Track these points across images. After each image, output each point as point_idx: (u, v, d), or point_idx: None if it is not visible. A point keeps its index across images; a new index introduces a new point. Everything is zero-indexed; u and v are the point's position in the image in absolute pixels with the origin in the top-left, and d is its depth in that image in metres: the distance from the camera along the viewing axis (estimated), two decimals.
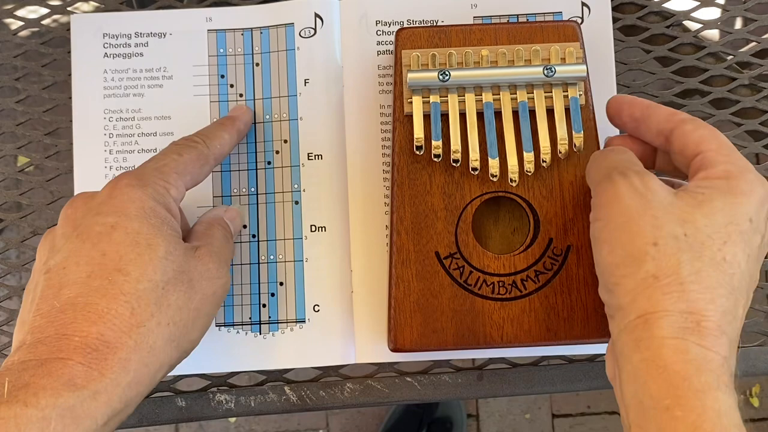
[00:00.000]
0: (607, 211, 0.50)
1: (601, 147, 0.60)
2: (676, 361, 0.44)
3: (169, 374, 0.65)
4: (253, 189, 0.66)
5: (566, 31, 0.60)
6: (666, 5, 0.70)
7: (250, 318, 0.65)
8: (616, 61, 0.66)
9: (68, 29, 0.68)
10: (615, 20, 0.68)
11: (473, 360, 0.67)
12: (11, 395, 0.42)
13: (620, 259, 0.48)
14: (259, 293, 0.65)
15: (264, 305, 0.65)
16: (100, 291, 0.47)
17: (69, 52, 0.68)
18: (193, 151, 0.56)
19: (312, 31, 0.66)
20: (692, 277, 0.46)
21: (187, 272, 0.50)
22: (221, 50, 0.67)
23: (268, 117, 0.66)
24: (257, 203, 0.66)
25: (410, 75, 0.58)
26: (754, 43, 0.70)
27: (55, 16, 0.71)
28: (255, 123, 0.66)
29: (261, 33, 0.67)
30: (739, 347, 0.49)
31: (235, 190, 0.66)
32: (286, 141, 0.66)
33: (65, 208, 0.53)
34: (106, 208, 0.50)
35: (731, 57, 0.70)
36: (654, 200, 0.48)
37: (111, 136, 0.67)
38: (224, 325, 0.65)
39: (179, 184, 0.54)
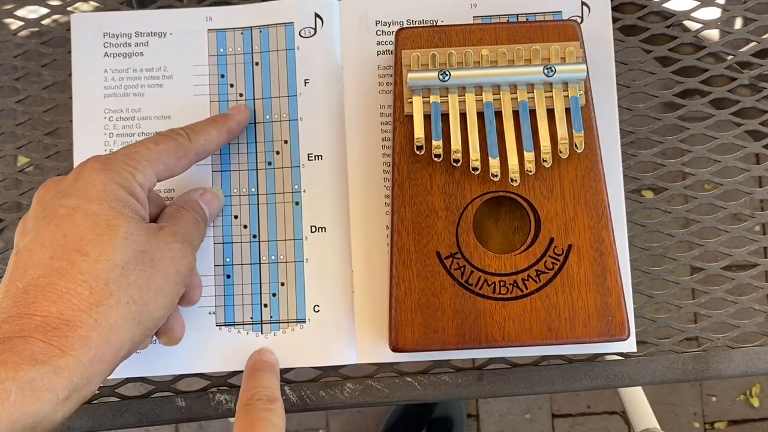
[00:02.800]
0: None
1: (600, 149, 0.60)
2: None
3: (169, 374, 0.65)
4: (253, 189, 0.66)
5: (566, 30, 0.60)
6: (666, 5, 0.70)
7: (251, 318, 0.65)
8: (616, 61, 0.66)
9: (68, 29, 0.68)
10: (615, 20, 0.68)
11: (473, 360, 0.67)
12: None
13: None
14: (261, 293, 0.65)
15: (266, 305, 0.65)
16: (60, 271, 0.48)
17: (69, 52, 0.68)
18: (171, 142, 0.57)
19: (312, 31, 0.66)
20: None
21: (148, 252, 0.51)
22: (221, 50, 0.67)
23: (268, 117, 0.66)
24: (258, 203, 0.66)
25: (410, 75, 0.58)
26: (754, 43, 0.70)
27: (55, 16, 0.71)
28: (255, 123, 0.66)
29: (261, 32, 0.67)
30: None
31: (235, 190, 0.66)
32: (286, 141, 0.66)
33: (38, 191, 0.54)
34: (70, 190, 0.51)
35: (731, 57, 0.70)
36: None
37: (111, 135, 0.67)
38: (225, 325, 0.65)
39: (148, 171, 0.54)
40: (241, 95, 0.67)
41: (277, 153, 0.66)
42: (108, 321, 0.48)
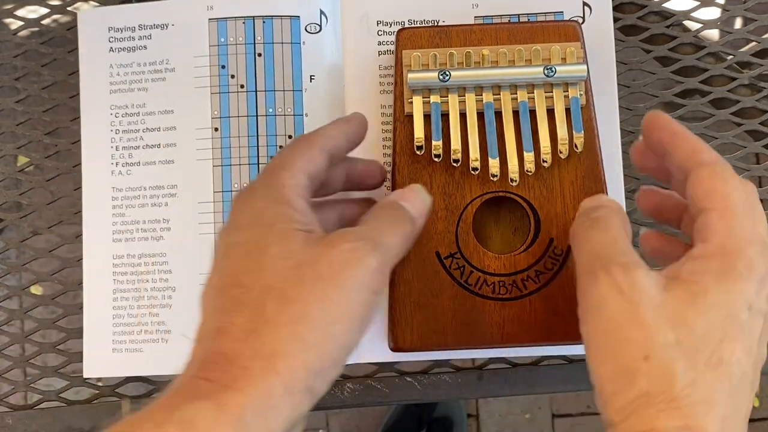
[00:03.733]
0: (592, 317, 0.45)
1: (600, 150, 0.60)
2: None
3: (169, 374, 0.65)
4: None
5: (567, 30, 0.60)
6: (666, 5, 0.70)
7: None
8: (616, 61, 0.66)
9: (68, 29, 0.69)
10: (615, 20, 0.68)
11: (473, 360, 0.67)
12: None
13: (610, 374, 0.44)
14: None
15: None
16: (221, 310, 0.44)
17: (69, 51, 0.69)
18: (309, 143, 0.52)
19: (318, 27, 0.66)
20: (687, 390, 0.42)
21: (309, 263, 0.44)
22: (222, 39, 0.67)
23: (271, 110, 0.66)
24: None
25: (410, 75, 0.58)
26: (754, 43, 0.70)
27: (55, 16, 0.71)
28: (257, 116, 0.66)
29: (264, 22, 0.67)
30: None
31: (236, 185, 0.66)
32: (290, 136, 0.66)
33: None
34: (228, 228, 0.48)
35: (731, 57, 0.70)
36: (642, 303, 0.43)
37: (117, 132, 0.67)
38: None
39: (298, 174, 0.49)
40: (242, 86, 0.67)
41: (280, 148, 0.66)
42: (267, 347, 0.42)
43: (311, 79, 0.66)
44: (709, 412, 0.42)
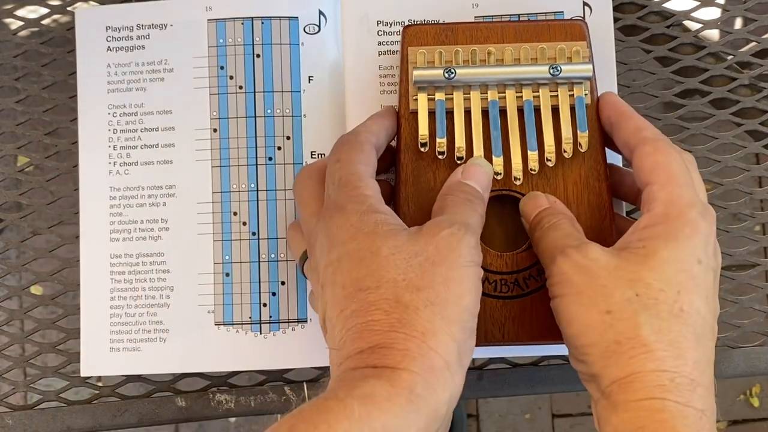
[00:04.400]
0: (557, 290, 0.51)
1: (604, 149, 0.60)
2: (654, 420, 0.46)
3: (168, 372, 0.66)
4: (253, 185, 0.66)
5: (573, 29, 0.60)
6: (666, 5, 0.70)
7: (250, 317, 0.65)
8: (616, 61, 0.67)
9: (68, 29, 0.68)
10: (615, 20, 0.68)
11: (473, 360, 0.67)
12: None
13: (579, 332, 0.49)
14: (260, 292, 0.65)
15: (265, 304, 0.65)
16: (354, 315, 0.48)
17: (69, 51, 0.68)
18: (354, 146, 0.55)
19: (316, 28, 0.66)
20: (654, 336, 0.47)
21: (420, 253, 0.49)
22: (221, 40, 0.67)
23: (269, 111, 0.66)
24: (257, 200, 0.66)
25: (416, 72, 0.58)
26: (754, 43, 0.70)
27: (55, 16, 0.71)
28: (255, 117, 0.66)
29: (262, 23, 0.67)
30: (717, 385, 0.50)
31: (234, 186, 0.66)
32: (288, 137, 0.66)
33: (301, 261, 0.57)
34: (325, 246, 0.51)
35: (731, 57, 0.70)
36: (598, 269, 0.49)
37: (115, 131, 0.67)
38: (224, 324, 0.65)
39: (370, 182, 0.53)
40: (240, 88, 0.67)
41: (279, 149, 0.66)
42: (417, 329, 0.46)
43: (310, 79, 0.66)
44: (680, 356, 0.47)
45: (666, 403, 0.46)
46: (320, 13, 0.66)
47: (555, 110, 0.59)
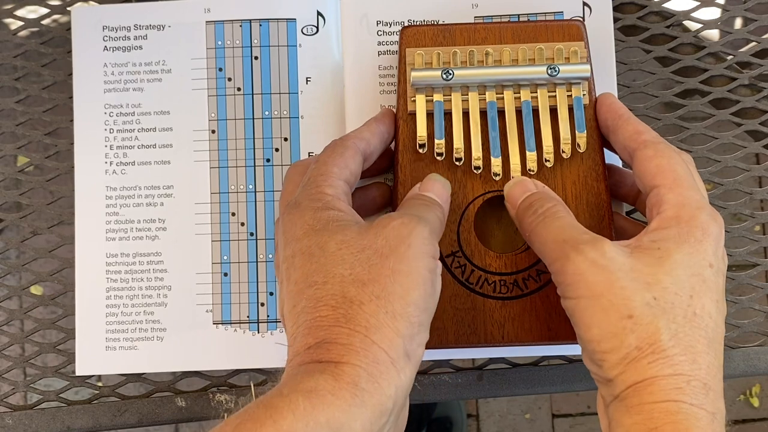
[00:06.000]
0: (573, 290, 0.50)
1: (603, 150, 0.60)
2: (667, 422, 0.45)
3: (166, 371, 0.66)
4: (251, 186, 0.66)
5: (571, 30, 0.60)
6: (666, 5, 0.70)
7: (248, 316, 0.65)
8: (616, 61, 0.66)
9: (68, 29, 0.68)
10: (615, 20, 0.68)
11: (473, 360, 0.67)
12: None
13: (599, 337, 0.48)
14: (258, 292, 0.65)
15: (262, 304, 0.65)
16: (304, 311, 0.48)
17: (69, 51, 0.68)
18: (342, 150, 0.56)
19: (314, 29, 0.66)
20: (672, 341, 0.47)
21: (369, 247, 0.49)
22: (219, 42, 0.67)
23: (267, 113, 0.66)
24: (255, 201, 0.66)
25: (414, 73, 0.58)
26: (754, 43, 0.70)
27: (55, 16, 0.71)
28: (253, 118, 0.66)
29: (260, 25, 0.67)
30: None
31: (233, 187, 0.66)
32: (286, 139, 0.66)
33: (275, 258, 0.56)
34: (282, 243, 0.52)
35: (731, 57, 0.70)
36: (616, 270, 0.48)
37: (111, 131, 0.67)
38: (222, 323, 0.65)
39: (335, 182, 0.53)
40: (239, 89, 0.67)
41: (276, 150, 0.66)
42: (360, 324, 0.46)
43: (307, 81, 0.66)
44: (694, 360, 0.47)
45: (681, 406, 0.46)
46: (318, 14, 0.66)
47: (553, 111, 0.59)
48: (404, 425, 0.50)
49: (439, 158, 0.58)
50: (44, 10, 0.71)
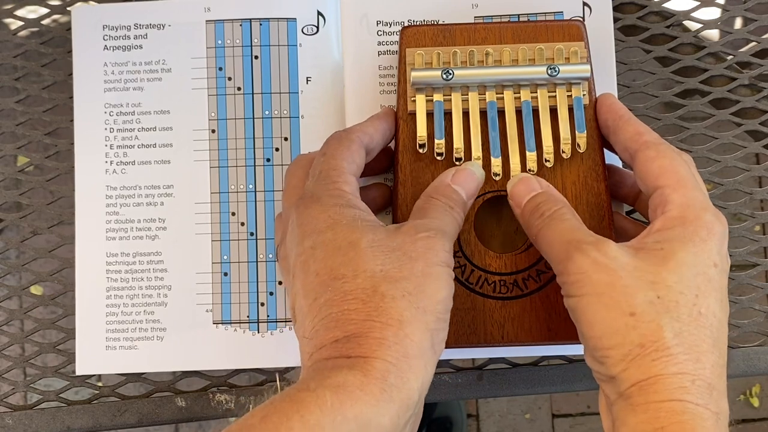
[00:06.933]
0: (576, 289, 0.50)
1: (603, 150, 0.60)
2: (674, 422, 0.45)
3: (166, 370, 0.66)
4: (251, 186, 0.66)
5: (571, 30, 0.60)
6: (666, 5, 0.70)
7: (248, 316, 0.65)
8: (616, 61, 0.66)
9: (68, 29, 0.68)
10: (615, 20, 0.68)
11: (473, 360, 0.67)
12: None
13: (602, 334, 0.49)
14: (258, 292, 0.65)
15: (262, 304, 0.65)
16: (329, 303, 0.48)
17: (69, 51, 0.68)
18: (347, 142, 0.56)
19: (315, 29, 0.66)
20: (676, 340, 0.47)
21: (398, 248, 0.50)
22: (219, 42, 0.67)
23: (267, 113, 0.66)
24: (255, 201, 0.66)
25: (414, 73, 0.58)
26: (754, 43, 0.70)
27: (55, 16, 0.71)
28: (253, 118, 0.66)
29: (260, 25, 0.67)
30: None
31: (233, 187, 0.66)
32: (286, 139, 0.66)
33: (278, 249, 0.56)
34: (298, 235, 0.51)
35: (731, 57, 0.70)
36: (619, 269, 0.48)
37: (112, 130, 0.67)
38: (222, 323, 0.65)
39: (350, 179, 0.54)
40: (239, 89, 0.67)
41: (276, 150, 0.66)
42: (394, 318, 0.47)
43: (308, 81, 0.66)
44: (698, 359, 0.47)
45: (686, 405, 0.46)
46: (319, 13, 0.66)
47: (553, 111, 0.59)
48: (420, 416, 0.50)
49: (439, 158, 0.58)
50: (44, 10, 0.71)
